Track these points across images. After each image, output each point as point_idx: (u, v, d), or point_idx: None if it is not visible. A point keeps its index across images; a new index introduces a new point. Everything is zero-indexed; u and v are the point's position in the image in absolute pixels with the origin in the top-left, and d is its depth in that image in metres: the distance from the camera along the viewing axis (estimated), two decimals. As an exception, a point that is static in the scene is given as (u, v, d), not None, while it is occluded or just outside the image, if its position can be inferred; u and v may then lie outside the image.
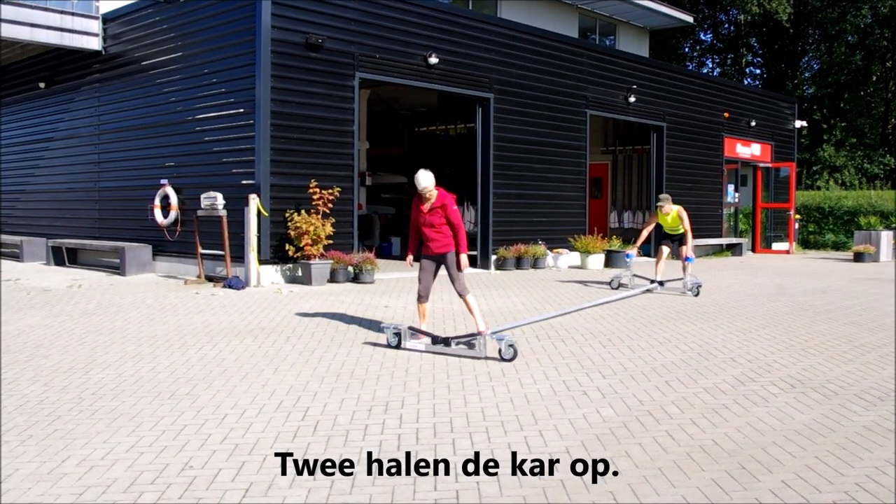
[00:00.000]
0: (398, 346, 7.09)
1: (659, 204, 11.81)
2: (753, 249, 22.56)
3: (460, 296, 7.11)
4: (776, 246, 22.80)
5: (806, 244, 25.16)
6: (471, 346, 6.82)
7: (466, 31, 14.30)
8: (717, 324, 8.75)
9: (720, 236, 20.97)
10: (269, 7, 11.35)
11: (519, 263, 14.70)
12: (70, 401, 5.33)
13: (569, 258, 15.69)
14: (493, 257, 14.62)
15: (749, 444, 4.53)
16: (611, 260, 15.67)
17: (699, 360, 6.82)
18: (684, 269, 11.60)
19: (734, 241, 21.23)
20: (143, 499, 3.67)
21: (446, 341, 6.94)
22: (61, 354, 6.78)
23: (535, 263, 14.98)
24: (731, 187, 21.89)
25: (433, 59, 13.48)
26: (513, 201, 15.14)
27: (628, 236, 13.61)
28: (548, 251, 15.29)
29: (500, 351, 6.63)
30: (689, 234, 11.71)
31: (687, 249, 11.67)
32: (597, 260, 15.57)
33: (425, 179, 6.98)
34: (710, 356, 6.98)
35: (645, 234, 12.23)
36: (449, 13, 14.26)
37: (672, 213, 11.69)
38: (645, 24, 24.92)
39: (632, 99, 17.71)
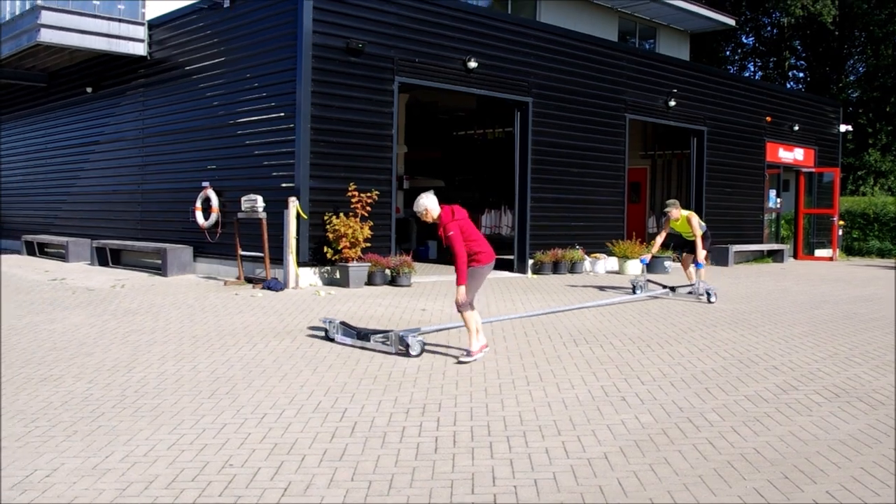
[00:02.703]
0: (332, 339, 7.47)
1: (666, 210, 11.59)
2: (795, 256, 22.17)
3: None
4: (819, 252, 22.37)
5: (850, 251, 24.65)
6: (385, 342, 7.09)
7: (506, 34, 14.28)
8: (759, 331, 8.61)
9: (761, 242, 20.65)
10: (311, 12, 11.45)
11: (556, 268, 14.62)
12: (113, 398, 5.43)
13: (607, 263, 15.57)
14: (530, 261, 14.56)
15: (792, 454, 4.45)
16: (649, 265, 15.49)
17: (740, 367, 6.73)
18: (697, 274, 11.40)
19: (776, 247, 20.86)
20: (183, 496, 3.73)
21: (366, 337, 7.23)
22: (105, 353, 6.92)
23: (573, 268, 14.89)
24: (772, 192, 21.54)
25: (472, 63, 13.49)
26: (550, 205, 15.07)
27: (667, 242, 13.54)
28: (585, 256, 15.20)
29: (408, 346, 6.86)
30: (699, 241, 11.28)
31: (698, 255, 11.40)
32: (635, 265, 15.43)
33: (419, 202, 6.78)
34: (752, 363, 6.87)
35: (659, 240, 12.01)
36: (488, 17, 14.26)
37: (681, 219, 11.47)
38: (685, 28, 24.67)
39: (672, 103, 17.52)
